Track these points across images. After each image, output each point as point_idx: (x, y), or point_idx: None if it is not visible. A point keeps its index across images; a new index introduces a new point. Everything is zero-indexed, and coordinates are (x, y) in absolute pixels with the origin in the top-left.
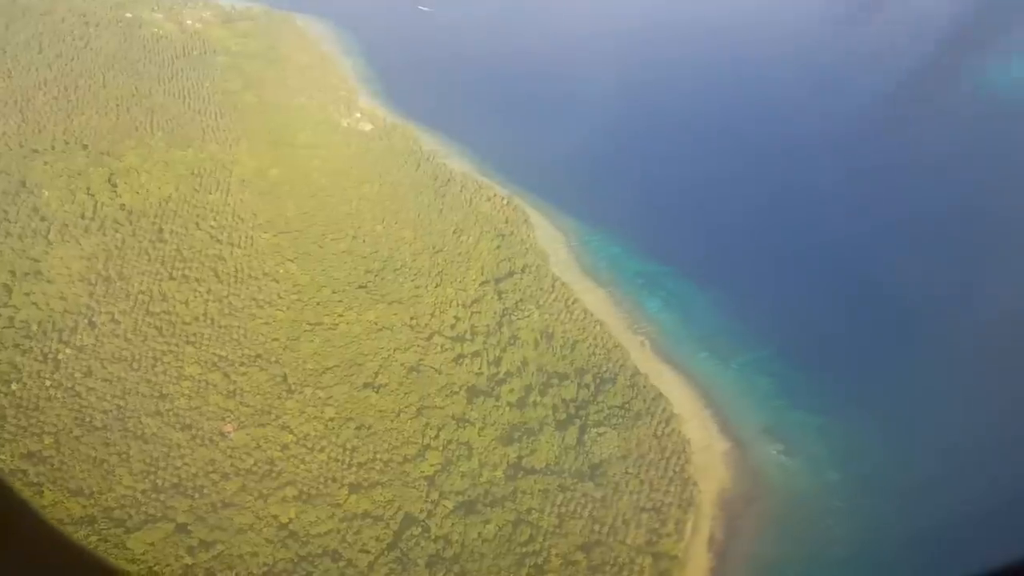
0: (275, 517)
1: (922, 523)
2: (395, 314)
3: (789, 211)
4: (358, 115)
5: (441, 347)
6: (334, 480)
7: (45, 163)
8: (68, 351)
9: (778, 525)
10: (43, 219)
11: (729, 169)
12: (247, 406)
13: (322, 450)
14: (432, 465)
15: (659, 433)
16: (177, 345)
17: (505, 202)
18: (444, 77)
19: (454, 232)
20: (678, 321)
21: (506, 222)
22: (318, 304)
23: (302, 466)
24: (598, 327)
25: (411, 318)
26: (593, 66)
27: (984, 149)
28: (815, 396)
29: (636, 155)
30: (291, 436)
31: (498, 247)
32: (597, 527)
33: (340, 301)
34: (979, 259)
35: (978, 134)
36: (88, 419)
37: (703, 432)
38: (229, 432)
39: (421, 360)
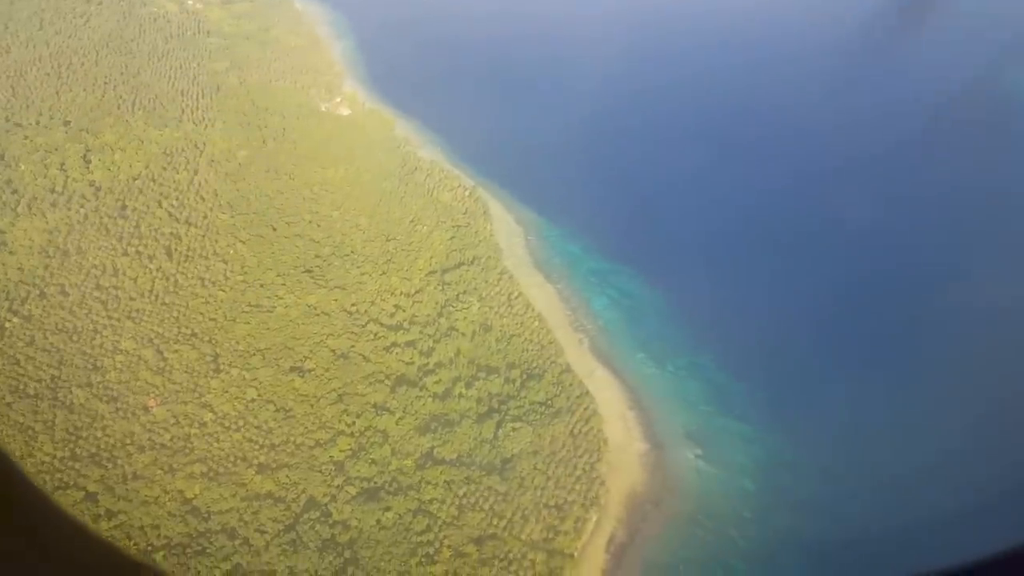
0: (181, 492)
1: (828, 541)
2: (335, 300)
3: (755, 217)
4: (339, 99)
5: (375, 335)
6: (244, 459)
7: (26, 137)
8: (16, 320)
9: (682, 530)
10: (15, 192)
11: (699, 172)
12: (173, 383)
13: (238, 430)
14: (343, 451)
15: (576, 431)
16: (119, 320)
17: (467, 193)
18: (432, 64)
19: (411, 221)
20: (622, 321)
21: (464, 213)
22: (261, 286)
23: (215, 444)
24: (537, 322)
25: (351, 305)
26: (584, 61)
27: (958, 150)
28: (745, 404)
29: (608, 153)
30: (211, 415)
31: (452, 238)
32: (495, 521)
33: (283, 284)
34: (928, 275)
35: (965, 144)
36: (22, 387)
37: (624, 433)
38: (152, 407)
39: (352, 347)
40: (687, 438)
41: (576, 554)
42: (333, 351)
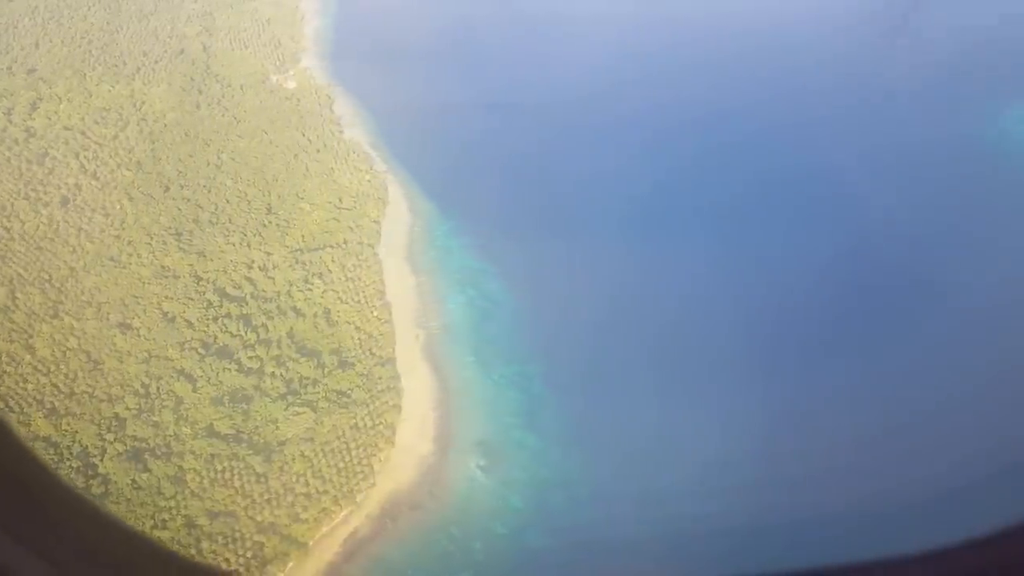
0: None
1: (569, 563)
2: (190, 264)
3: (656, 233)
4: (290, 72)
5: (210, 303)
6: (39, 403)
7: None
8: None
9: (428, 537)
10: None
11: (616, 184)
12: (11, 322)
13: (47, 375)
14: (128, 409)
15: (361, 425)
16: None
17: (368, 178)
18: (404, 50)
19: (298, 197)
20: (469, 322)
21: (356, 196)
22: (128, 243)
23: (21, 384)
24: (378, 312)
25: (204, 271)
26: (569, 62)
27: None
28: (553, 420)
29: (539, 153)
30: (29, 356)
31: (331, 219)
32: (239, 499)
33: (149, 243)
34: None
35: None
36: None
37: (416, 433)
38: None
39: (183, 312)
40: (478, 447)
41: (311, 544)
42: (164, 313)
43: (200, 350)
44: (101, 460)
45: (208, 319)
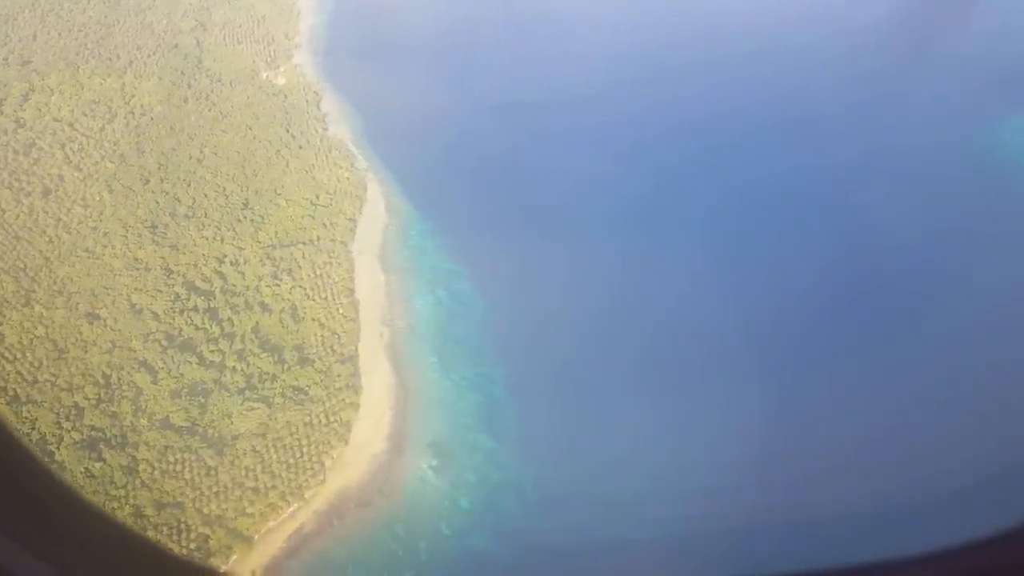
0: None
1: (512, 568)
2: (162, 257)
3: (637, 239)
4: (281, 69)
5: (177, 296)
6: (2, 389)
7: None
8: None
9: (374, 535)
10: None
11: (595, 192)
12: None
13: (12, 362)
14: (88, 398)
15: (316, 422)
16: None
17: (347, 175)
18: (397, 49)
19: (275, 193)
20: (435, 322)
21: (333, 193)
22: (104, 234)
23: None
24: (344, 310)
25: (175, 264)
26: (562, 71)
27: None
28: (509, 423)
29: (523, 157)
30: None
31: (307, 215)
32: (188, 491)
33: (124, 235)
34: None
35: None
36: None
37: (371, 431)
38: None
39: (150, 304)
40: (432, 447)
41: (256, 538)
42: (132, 304)
43: (163, 342)
44: (58, 448)
45: (175, 312)
